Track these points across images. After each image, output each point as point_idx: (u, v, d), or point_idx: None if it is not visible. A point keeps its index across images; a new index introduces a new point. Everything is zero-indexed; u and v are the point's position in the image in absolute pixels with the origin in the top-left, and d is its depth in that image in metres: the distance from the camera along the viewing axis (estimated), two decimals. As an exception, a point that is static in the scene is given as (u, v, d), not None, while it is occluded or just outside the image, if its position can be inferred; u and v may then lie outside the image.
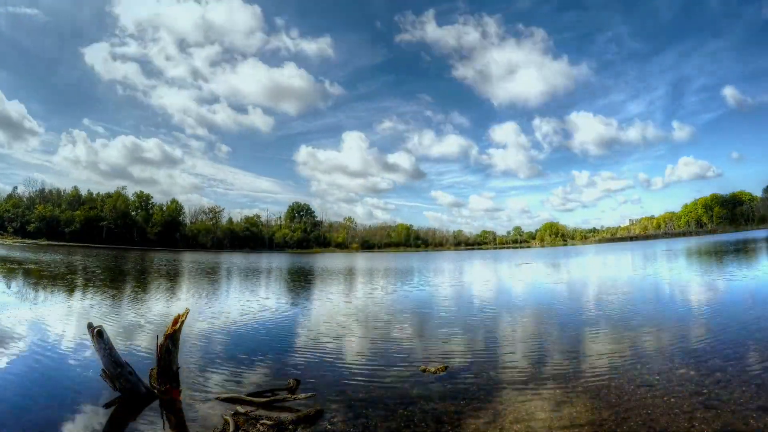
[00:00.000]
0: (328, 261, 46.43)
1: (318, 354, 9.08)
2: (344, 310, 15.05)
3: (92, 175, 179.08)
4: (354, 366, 8.15)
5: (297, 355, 9.07)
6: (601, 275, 26.56)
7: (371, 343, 10.06)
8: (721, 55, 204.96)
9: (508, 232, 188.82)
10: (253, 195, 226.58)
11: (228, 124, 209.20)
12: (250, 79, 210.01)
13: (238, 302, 17.25)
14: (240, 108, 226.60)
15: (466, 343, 9.75)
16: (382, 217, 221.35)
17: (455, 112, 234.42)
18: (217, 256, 42.31)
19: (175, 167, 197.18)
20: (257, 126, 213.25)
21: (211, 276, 31.18)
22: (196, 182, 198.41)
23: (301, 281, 28.05)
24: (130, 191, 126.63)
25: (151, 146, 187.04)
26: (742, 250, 39.73)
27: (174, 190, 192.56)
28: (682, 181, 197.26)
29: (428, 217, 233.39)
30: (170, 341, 6.74)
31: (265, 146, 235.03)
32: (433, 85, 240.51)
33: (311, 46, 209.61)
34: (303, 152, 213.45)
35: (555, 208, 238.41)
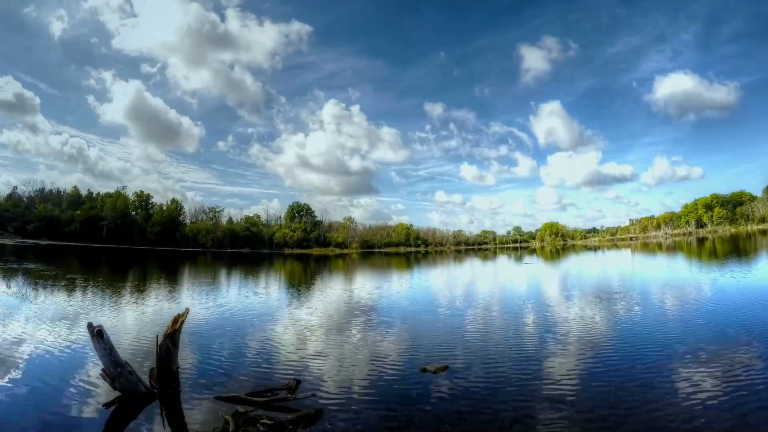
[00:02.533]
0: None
1: (318, 354, 9.07)
2: (344, 311, 15.04)
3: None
4: (354, 366, 8.14)
5: (297, 355, 9.06)
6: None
7: (371, 343, 10.05)
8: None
9: (508, 232, 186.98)
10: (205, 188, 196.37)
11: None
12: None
13: (238, 302, 17.25)
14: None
15: (466, 343, 9.74)
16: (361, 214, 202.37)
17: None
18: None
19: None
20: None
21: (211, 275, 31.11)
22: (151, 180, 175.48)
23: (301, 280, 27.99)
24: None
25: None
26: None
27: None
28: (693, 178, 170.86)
29: (430, 217, 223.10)
30: (170, 341, 6.74)
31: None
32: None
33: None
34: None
35: (548, 205, 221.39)
